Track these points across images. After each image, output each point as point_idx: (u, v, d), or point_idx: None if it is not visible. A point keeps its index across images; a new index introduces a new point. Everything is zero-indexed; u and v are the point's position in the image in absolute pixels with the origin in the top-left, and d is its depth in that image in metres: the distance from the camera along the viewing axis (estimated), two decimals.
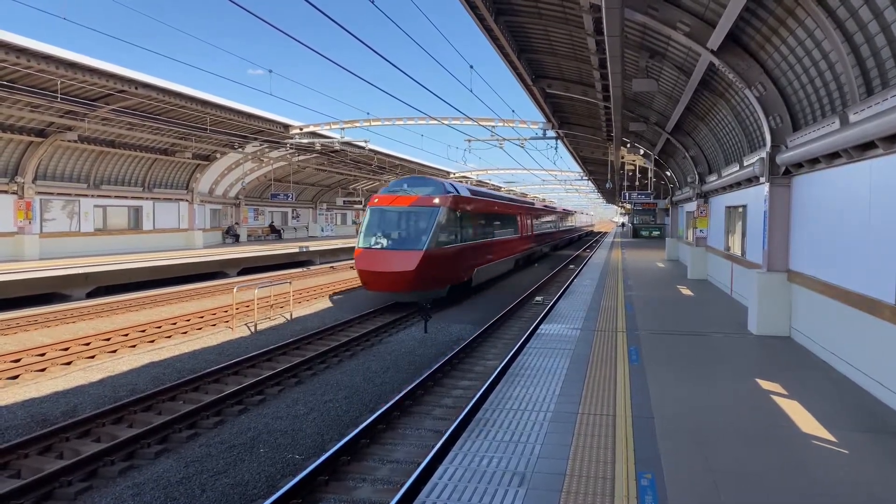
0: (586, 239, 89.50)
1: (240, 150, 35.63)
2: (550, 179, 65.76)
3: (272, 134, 32.92)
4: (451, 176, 53.44)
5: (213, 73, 27.91)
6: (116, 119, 26.18)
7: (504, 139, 30.44)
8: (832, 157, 8.99)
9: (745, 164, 14.30)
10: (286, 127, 32.03)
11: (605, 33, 10.02)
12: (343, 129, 30.32)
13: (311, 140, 32.66)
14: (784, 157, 10.89)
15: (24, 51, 18.87)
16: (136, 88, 23.01)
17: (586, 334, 11.64)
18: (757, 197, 13.41)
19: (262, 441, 8.96)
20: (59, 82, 21.18)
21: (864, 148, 7.97)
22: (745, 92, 11.21)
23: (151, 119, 27.05)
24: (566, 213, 66.42)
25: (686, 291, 18.12)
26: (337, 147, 34.91)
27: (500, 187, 67.30)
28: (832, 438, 6.33)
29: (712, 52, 10.47)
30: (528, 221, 37.85)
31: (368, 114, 29.62)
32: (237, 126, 30.61)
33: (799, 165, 10.51)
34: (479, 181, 60.01)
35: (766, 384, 8.30)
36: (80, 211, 29.61)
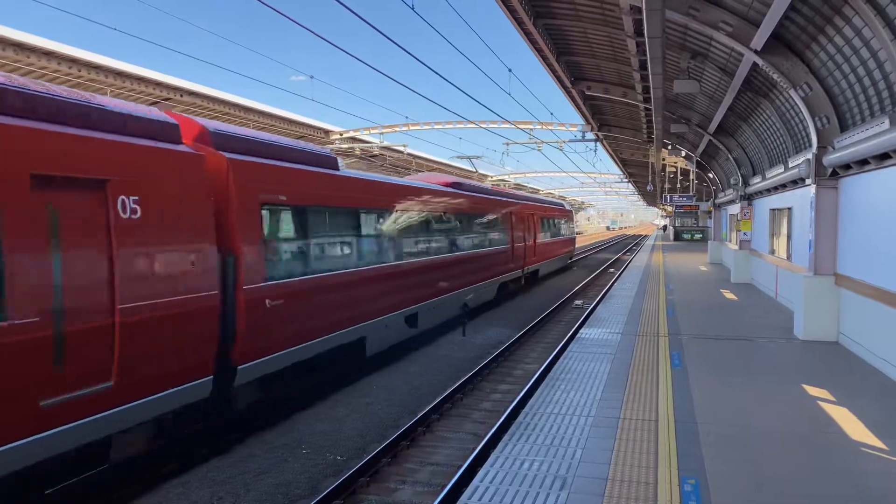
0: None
1: None
2: (589, 182, 65.30)
3: (313, 139, 33.40)
4: (489, 179, 53.45)
5: (257, 80, 28.48)
6: None
7: (542, 142, 30.37)
8: (882, 157, 8.76)
9: (791, 165, 14.01)
10: (327, 132, 32.50)
11: (646, 35, 9.96)
12: (382, 133, 30.67)
13: (350, 145, 33.06)
14: (831, 159, 10.65)
15: (75, 61, 19.54)
16: (182, 96, 23.60)
17: (627, 338, 11.54)
18: (803, 199, 13.12)
19: (305, 442, 9.11)
20: (108, 91, 21.84)
21: None
22: (789, 92, 11.00)
23: None
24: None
25: (729, 295, 17.80)
26: (376, 151, 35.27)
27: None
28: (883, 446, 6.18)
29: (756, 52, 10.30)
30: None
31: (407, 118, 29.94)
32: (279, 132, 31.13)
33: (847, 167, 10.27)
34: (518, 184, 59.92)
35: (813, 390, 8.13)
36: None
